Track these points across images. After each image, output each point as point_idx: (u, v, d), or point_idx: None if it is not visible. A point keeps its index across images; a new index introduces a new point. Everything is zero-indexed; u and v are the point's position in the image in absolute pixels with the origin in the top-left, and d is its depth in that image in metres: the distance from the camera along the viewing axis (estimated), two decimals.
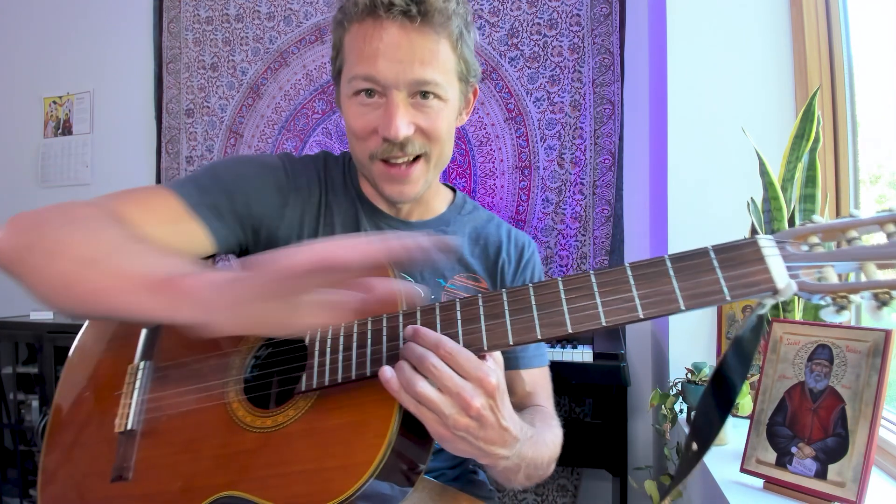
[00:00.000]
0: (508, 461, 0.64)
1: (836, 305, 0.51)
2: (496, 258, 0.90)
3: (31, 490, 2.24)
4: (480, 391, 0.57)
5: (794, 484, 0.80)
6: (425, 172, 0.81)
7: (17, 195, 2.73)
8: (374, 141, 0.78)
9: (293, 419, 0.66)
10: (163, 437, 0.72)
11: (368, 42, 0.74)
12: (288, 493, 0.62)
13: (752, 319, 0.54)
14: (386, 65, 0.74)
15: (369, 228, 0.87)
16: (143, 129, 2.56)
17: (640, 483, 1.34)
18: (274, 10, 2.37)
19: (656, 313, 0.54)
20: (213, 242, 0.77)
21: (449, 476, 0.89)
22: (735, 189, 1.30)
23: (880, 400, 0.75)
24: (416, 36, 0.74)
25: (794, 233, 0.54)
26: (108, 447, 0.75)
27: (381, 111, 0.76)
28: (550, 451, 0.75)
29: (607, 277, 0.57)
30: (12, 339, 2.23)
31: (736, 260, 0.53)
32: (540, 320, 0.58)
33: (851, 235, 0.52)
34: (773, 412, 0.85)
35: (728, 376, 0.55)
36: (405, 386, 0.57)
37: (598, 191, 1.98)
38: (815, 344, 0.84)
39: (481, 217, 0.95)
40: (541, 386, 0.89)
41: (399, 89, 0.75)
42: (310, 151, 2.31)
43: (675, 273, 0.54)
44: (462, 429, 0.57)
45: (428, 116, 0.77)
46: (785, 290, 0.51)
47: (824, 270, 0.52)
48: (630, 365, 1.73)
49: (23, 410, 2.26)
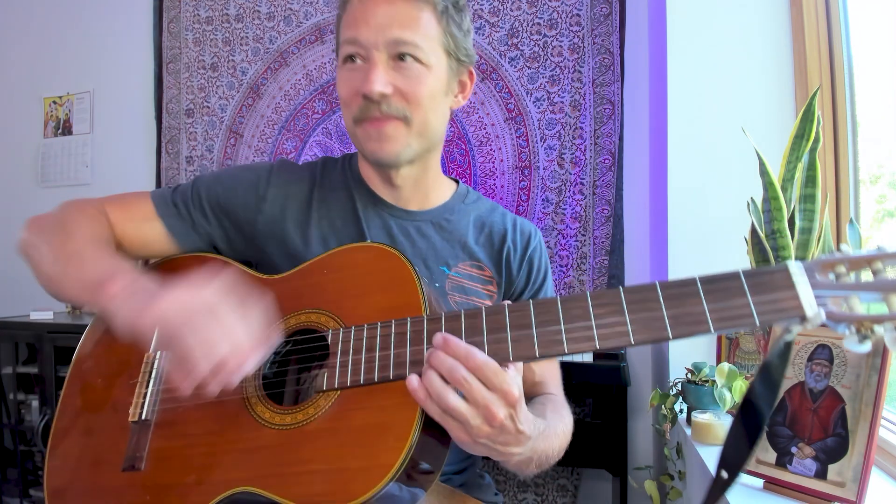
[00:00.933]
0: (521, 456, 0.66)
1: (860, 335, 0.52)
2: (501, 246, 0.90)
3: (31, 490, 2.24)
4: (503, 402, 0.58)
5: (794, 484, 0.80)
6: (406, 135, 0.81)
7: (17, 195, 2.73)
8: (356, 102, 0.80)
9: (313, 418, 0.66)
10: (177, 428, 0.72)
11: (355, 11, 0.80)
12: (307, 492, 0.61)
13: (780, 346, 0.55)
14: (367, 27, 0.78)
15: (368, 216, 0.88)
16: (143, 129, 2.56)
17: (640, 483, 1.34)
18: (274, 10, 2.37)
19: (685, 333, 0.55)
20: (175, 241, 0.86)
21: (455, 482, 0.89)
22: (735, 189, 1.29)
23: (880, 400, 0.75)
24: (399, 2, 0.78)
25: (822, 261, 0.54)
26: (120, 436, 0.74)
27: (364, 73, 0.79)
28: (561, 441, 0.77)
29: (637, 295, 0.57)
30: (12, 339, 2.23)
31: (766, 285, 0.53)
32: (567, 334, 0.58)
33: (877, 267, 0.52)
34: (773, 412, 0.85)
35: (756, 403, 0.55)
36: (435, 397, 0.59)
37: (598, 191, 1.98)
38: (815, 344, 0.84)
39: (485, 206, 0.95)
40: (551, 375, 0.90)
41: (378, 49, 0.78)
42: (310, 151, 2.32)
43: (706, 295, 0.55)
44: (484, 436, 0.59)
45: (407, 78, 0.79)
46: (814, 318, 0.51)
47: (850, 300, 0.52)
48: (630, 365, 1.73)
49: (23, 410, 2.26)
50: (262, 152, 2.39)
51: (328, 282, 0.75)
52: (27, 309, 2.29)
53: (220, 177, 0.90)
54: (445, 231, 0.90)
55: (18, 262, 0.82)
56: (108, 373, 0.81)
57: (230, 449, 0.68)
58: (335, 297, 0.73)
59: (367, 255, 0.74)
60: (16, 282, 2.68)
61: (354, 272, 0.73)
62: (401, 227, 0.88)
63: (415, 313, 0.66)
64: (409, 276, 0.69)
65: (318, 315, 0.73)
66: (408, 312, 0.66)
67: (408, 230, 0.88)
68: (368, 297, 0.71)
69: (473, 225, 0.91)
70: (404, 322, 0.65)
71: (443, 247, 0.88)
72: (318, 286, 0.75)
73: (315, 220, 0.87)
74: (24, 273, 0.81)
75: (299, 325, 0.74)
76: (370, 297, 0.71)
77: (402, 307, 0.68)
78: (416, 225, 0.89)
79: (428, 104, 0.81)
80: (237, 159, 2.43)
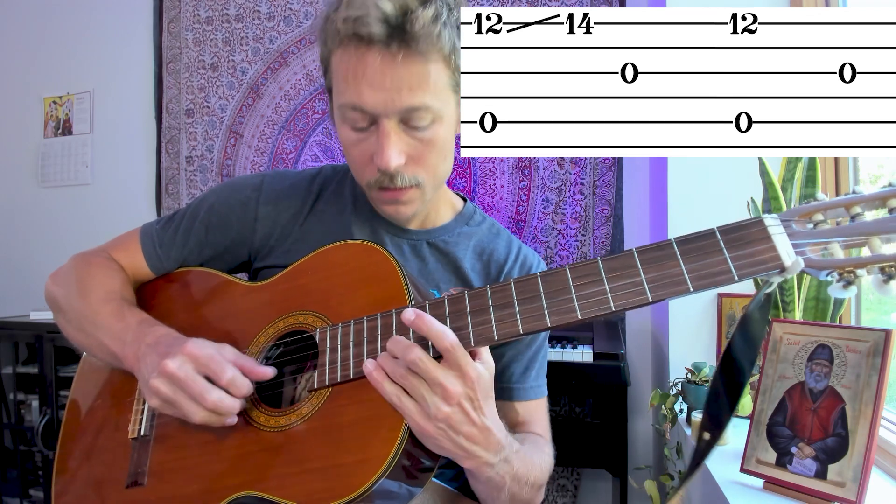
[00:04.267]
0: (493, 470, 0.65)
1: (844, 280, 0.52)
2: (498, 276, 0.88)
3: (31, 490, 2.24)
4: (460, 380, 0.59)
5: (794, 484, 0.80)
6: (420, 197, 0.80)
7: (17, 195, 2.73)
8: (370, 170, 0.76)
9: (307, 417, 0.67)
10: (176, 441, 0.73)
11: (353, 70, 0.71)
12: (306, 490, 0.62)
13: (759, 298, 0.55)
14: (372, 94, 0.70)
15: (364, 233, 0.87)
16: (143, 129, 2.56)
17: (640, 483, 1.34)
18: (274, 10, 2.37)
19: (665, 295, 0.55)
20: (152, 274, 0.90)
21: (448, 476, 0.88)
22: (735, 189, 1.30)
23: (880, 400, 0.75)
24: (402, 64, 0.69)
25: (798, 211, 0.55)
26: (122, 454, 0.75)
27: (374, 139, 0.74)
28: (537, 474, 0.74)
29: (615, 263, 0.58)
30: (12, 339, 2.23)
31: (742, 240, 0.54)
32: (549, 308, 0.59)
33: (855, 212, 0.52)
34: (773, 412, 0.85)
35: (736, 358, 0.55)
36: (390, 373, 0.61)
37: (598, 191, 1.98)
38: (815, 344, 0.84)
39: (490, 231, 0.92)
40: (537, 417, 0.87)
41: (389, 118, 0.72)
42: (310, 151, 2.32)
43: (682, 255, 0.55)
44: (443, 418, 0.59)
45: (420, 142, 0.75)
46: (792, 267, 0.52)
47: (830, 247, 0.52)
48: (630, 365, 1.73)
49: (23, 410, 2.26)
50: (262, 152, 2.39)
51: (313, 283, 0.75)
52: (27, 309, 2.29)
53: (213, 206, 0.89)
54: (441, 253, 0.88)
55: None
56: (107, 393, 0.83)
57: (229, 455, 0.69)
58: (321, 297, 0.73)
59: (348, 252, 0.74)
60: (16, 282, 2.69)
61: (338, 270, 0.74)
62: (395, 244, 0.87)
63: (401, 304, 0.66)
64: (392, 268, 0.70)
65: (305, 316, 0.73)
66: (394, 304, 0.67)
67: (402, 248, 0.87)
68: (353, 294, 0.71)
69: (473, 250, 0.89)
70: (389, 314, 0.66)
71: (436, 268, 0.87)
72: (303, 288, 0.76)
73: (302, 233, 0.88)
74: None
75: (287, 328, 0.74)
76: (355, 293, 0.71)
77: (387, 299, 0.68)
78: (411, 243, 0.88)
79: (439, 159, 0.78)
80: (237, 159, 2.43)
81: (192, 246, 0.89)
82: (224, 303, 0.82)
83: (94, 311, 0.81)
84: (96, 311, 0.81)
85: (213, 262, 0.90)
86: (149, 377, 0.68)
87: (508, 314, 0.60)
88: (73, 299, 0.84)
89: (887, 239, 0.51)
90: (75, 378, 0.88)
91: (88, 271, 0.87)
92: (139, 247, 0.90)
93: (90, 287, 0.84)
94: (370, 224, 0.88)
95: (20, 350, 2.27)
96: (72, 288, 0.85)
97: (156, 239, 0.90)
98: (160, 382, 0.67)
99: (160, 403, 0.68)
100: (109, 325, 0.79)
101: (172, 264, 0.90)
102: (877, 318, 1.31)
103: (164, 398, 0.67)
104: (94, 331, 0.80)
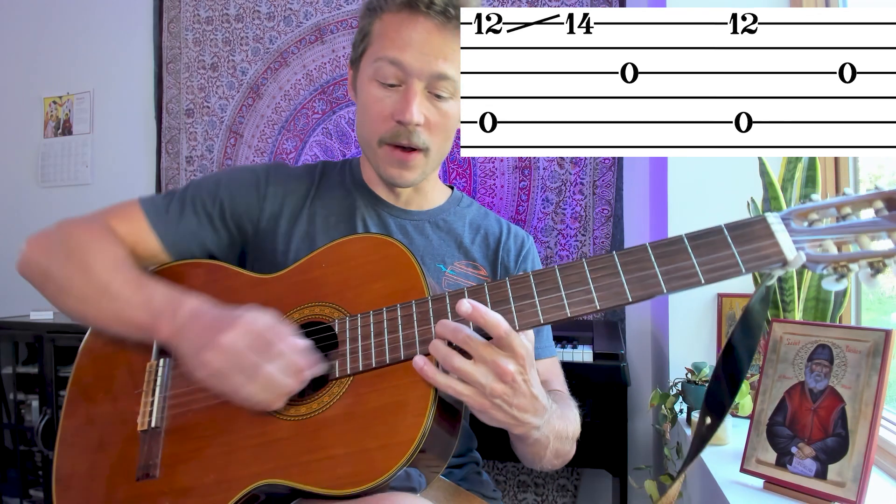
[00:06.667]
0: (539, 432, 0.68)
1: (837, 274, 0.56)
2: (496, 247, 0.93)
3: (31, 490, 2.24)
4: (512, 360, 0.61)
5: (794, 484, 0.80)
6: (424, 164, 0.86)
7: (17, 195, 2.73)
8: (386, 125, 0.83)
9: (328, 405, 0.67)
10: (189, 432, 0.72)
11: (402, 31, 0.80)
12: (333, 476, 0.63)
13: (761, 290, 0.60)
14: (414, 54, 0.79)
15: (368, 215, 0.91)
16: (143, 129, 2.56)
17: (640, 483, 1.34)
18: (274, 10, 2.37)
19: (678, 287, 0.59)
20: (165, 250, 0.85)
21: (457, 476, 0.89)
22: (735, 189, 1.30)
23: (880, 400, 0.75)
24: (448, 33, 0.80)
25: (796, 210, 0.59)
26: (130, 446, 0.74)
27: (399, 97, 0.81)
28: (573, 427, 0.79)
29: (630, 257, 0.61)
30: (12, 339, 2.22)
31: (748, 236, 0.58)
32: (568, 299, 0.62)
33: (846, 212, 0.58)
34: (773, 412, 0.85)
35: (736, 347, 0.60)
36: (441, 361, 0.62)
37: (598, 191, 1.98)
38: (815, 344, 0.84)
39: (479, 211, 0.99)
40: (554, 374, 0.92)
41: (420, 79, 0.81)
42: (310, 151, 2.32)
43: (693, 249, 0.59)
44: (498, 395, 0.62)
45: (439, 112, 0.83)
46: (794, 261, 0.56)
47: (824, 243, 0.57)
48: (630, 365, 1.73)
49: (23, 410, 2.26)
50: (262, 152, 2.39)
51: (328, 275, 0.76)
52: (27, 309, 2.29)
53: (221, 180, 0.89)
54: (442, 230, 0.93)
55: None
56: (110, 386, 0.81)
57: (247, 445, 0.69)
58: (337, 289, 0.74)
59: (364, 245, 0.76)
60: (16, 282, 2.68)
61: (353, 263, 0.75)
62: (399, 225, 0.91)
63: (418, 296, 0.68)
64: (409, 260, 0.71)
65: (322, 308, 0.74)
66: (411, 296, 0.69)
67: (406, 227, 0.92)
68: (370, 286, 0.72)
69: (469, 227, 0.95)
70: (409, 305, 0.68)
71: (440, 245, 0.91)
72: (318, 280, 0.76)
73: (306, 217, 0.89)
74: None
75: (304, 319, 0.74)
76: (372, 285, 0.72)
77: (404, 291, 0.70)
78: (414, 223, 0.92)
79: (448, 133, 0.86)
80: (237, 159, 2.43)
81: (203, 216, 0.87)
82: (236, 294, 0.80)
83: (103, 280, 0.75)
84: (107, 280, 0.75)
85: (216, 234, 0.88)
86: (199, 349, 0.67)
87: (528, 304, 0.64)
88: (70, 268, 0.77)
89: (874, 237, 0.56)
90: (73, 373, 0.83)
91: (86, 237, 0.80)
92: (142, 214, 0.84)
93: (91, 254, 0.78)
94: (373, 207, 0.92)
95: (20, 350, 2.27)
96: (70, 256, 0.78)
97: (160, 206, 0.86)
98: (214, 355, 0.66)
99: (207, 376, 0.68)
100: (127, 295, 0.74)
101: (182, 232, 0.85)
102: (877, 318, 1.31)
103: (214, 371, 0.67)
104: (107, 302, 0.75)
